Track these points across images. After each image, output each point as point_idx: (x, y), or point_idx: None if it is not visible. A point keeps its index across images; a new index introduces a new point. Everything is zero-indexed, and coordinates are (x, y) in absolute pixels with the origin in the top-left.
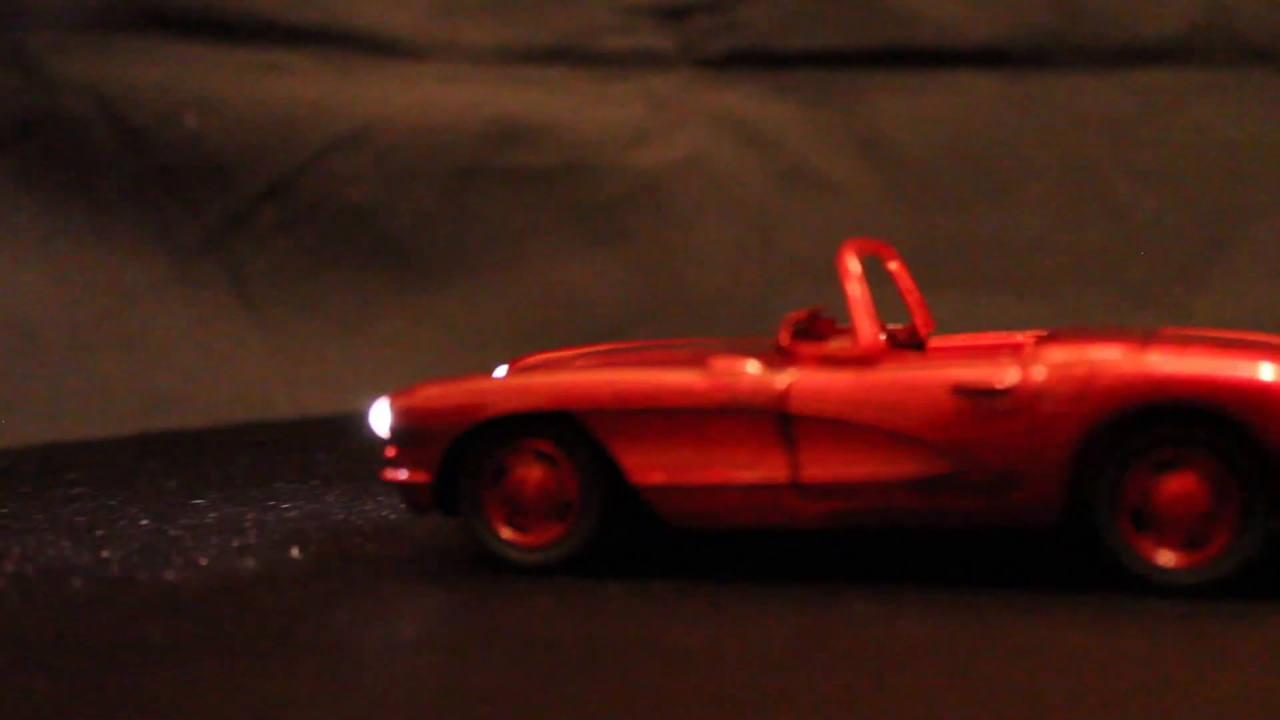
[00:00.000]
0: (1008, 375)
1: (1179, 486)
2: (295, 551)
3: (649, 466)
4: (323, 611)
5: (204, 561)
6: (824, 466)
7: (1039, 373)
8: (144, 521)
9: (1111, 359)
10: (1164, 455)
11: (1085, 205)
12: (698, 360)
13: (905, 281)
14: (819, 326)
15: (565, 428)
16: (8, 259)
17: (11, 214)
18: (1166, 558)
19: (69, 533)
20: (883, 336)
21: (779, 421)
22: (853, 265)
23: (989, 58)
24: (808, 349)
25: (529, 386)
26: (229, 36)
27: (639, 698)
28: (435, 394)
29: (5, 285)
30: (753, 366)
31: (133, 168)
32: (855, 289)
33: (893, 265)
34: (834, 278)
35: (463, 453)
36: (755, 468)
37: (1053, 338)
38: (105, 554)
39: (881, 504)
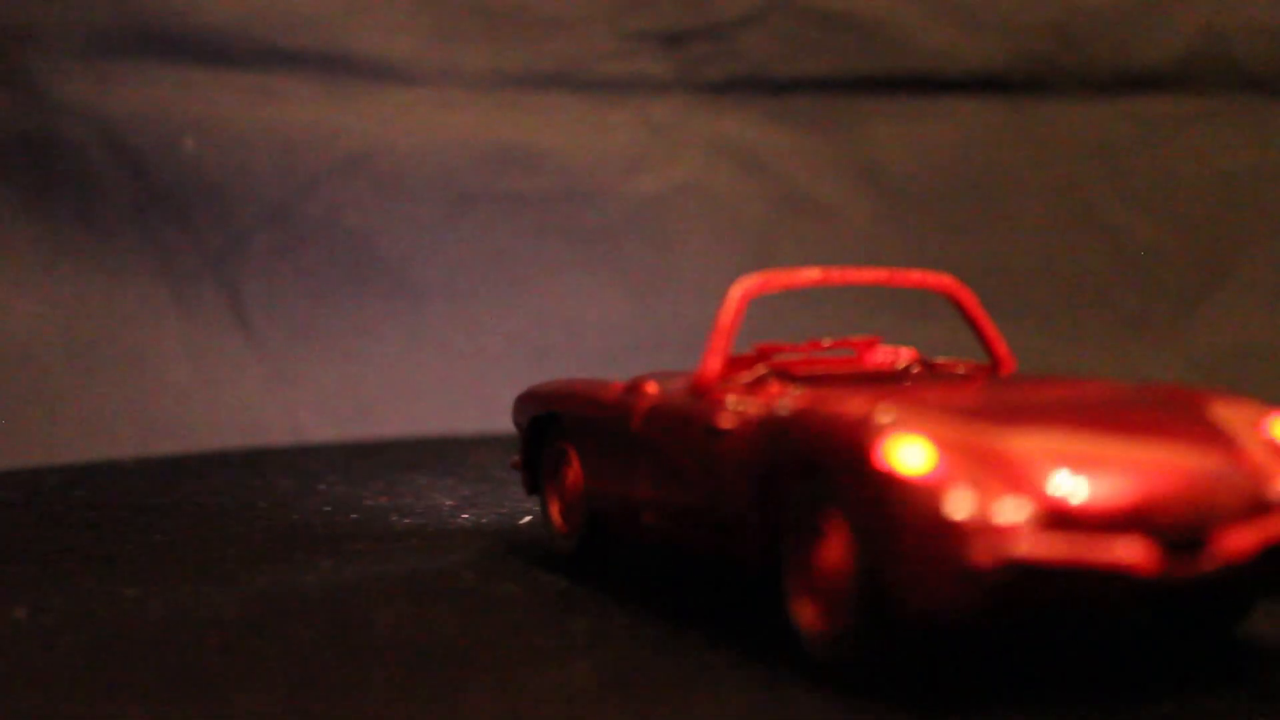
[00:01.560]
0: (728, 417)
1: (821, 550)
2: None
3: (590, 472)
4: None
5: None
6: (654, 489)
7: (752, 417)
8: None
9: (784, 409)
10: (819, 515)
11: (1081, 231)
12: (635, 378)
13: (977, 317)
14: (865, 358)
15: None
16: (6, 282)
17: (10, 237)
18: (810, 624)
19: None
20: (915, 369)
21: (637, 442)
22: (733, 297)
23: (986, 85)
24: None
25: (540, 392)
26: (228, 61)
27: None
28: (526, 393)
29: (3, 308)
30: (650, 388)
31: (131, 192)
32: (721, 319)
33: (957, 297)
34: (837, 304)
35: (539, 446)
36: (628, 482)
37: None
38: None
39: (673, 530)
